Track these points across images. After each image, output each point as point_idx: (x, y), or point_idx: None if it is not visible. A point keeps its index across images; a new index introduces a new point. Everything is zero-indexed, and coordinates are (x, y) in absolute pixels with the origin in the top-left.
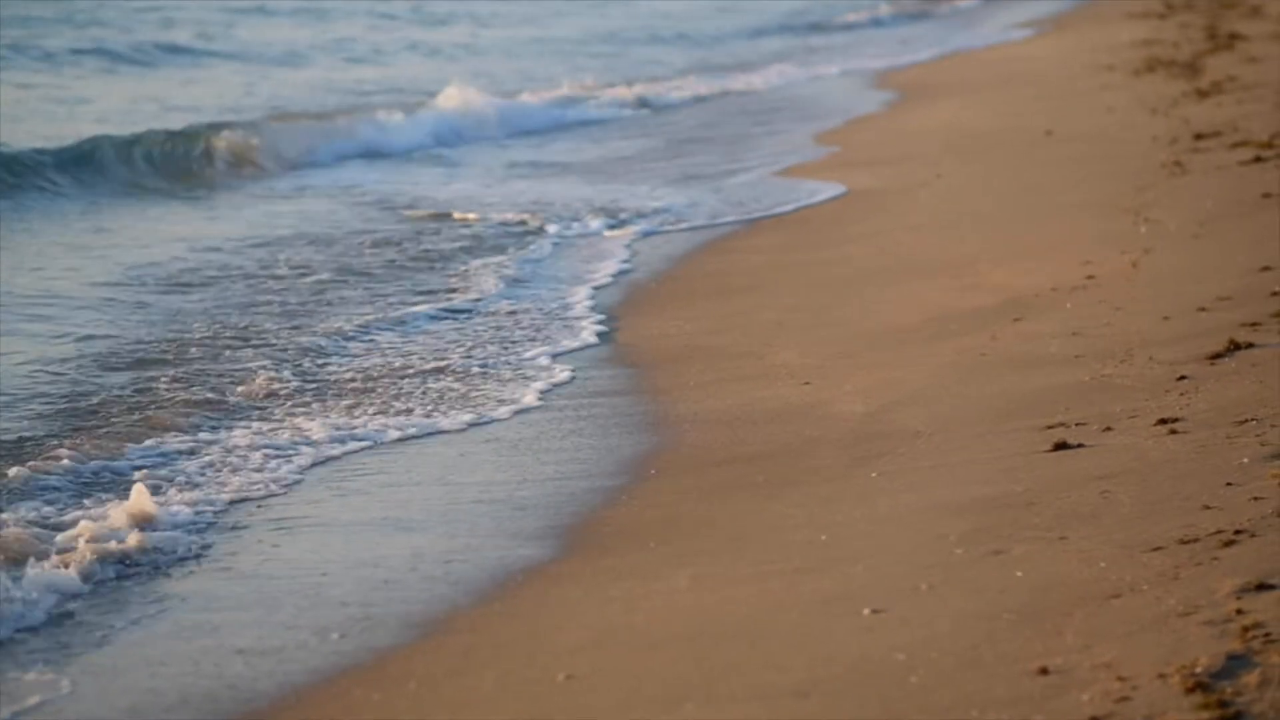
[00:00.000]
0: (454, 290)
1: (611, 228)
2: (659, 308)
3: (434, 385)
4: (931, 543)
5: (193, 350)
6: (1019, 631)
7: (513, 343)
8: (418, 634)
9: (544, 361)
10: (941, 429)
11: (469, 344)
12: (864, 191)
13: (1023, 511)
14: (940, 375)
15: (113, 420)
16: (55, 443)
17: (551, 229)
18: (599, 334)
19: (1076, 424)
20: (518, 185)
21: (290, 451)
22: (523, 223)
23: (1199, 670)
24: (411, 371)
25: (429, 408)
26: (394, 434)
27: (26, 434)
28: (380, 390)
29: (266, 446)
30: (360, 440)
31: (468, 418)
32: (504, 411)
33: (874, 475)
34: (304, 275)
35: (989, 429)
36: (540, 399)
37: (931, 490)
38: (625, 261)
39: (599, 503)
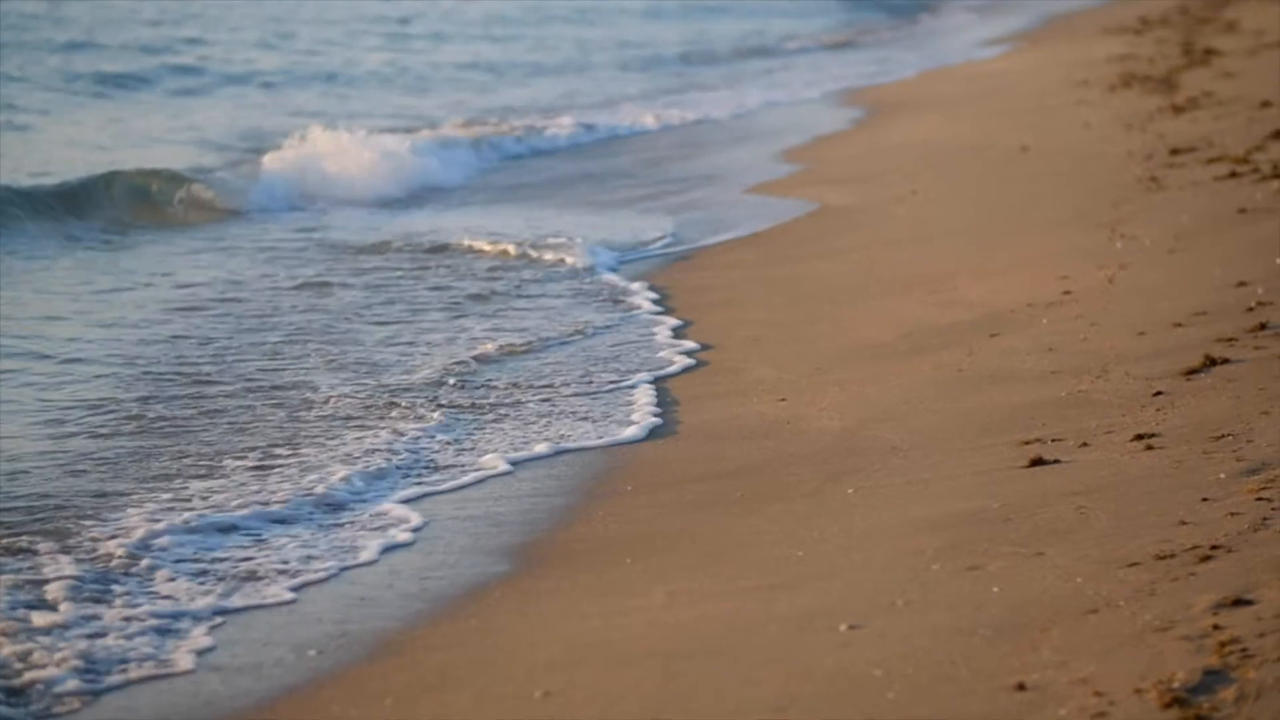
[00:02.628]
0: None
1: (609, 265)
2: None
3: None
4: (908, 558)
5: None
6: (996, 647)
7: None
8: (394, 651)
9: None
10: (918, 445)
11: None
12: (837, 208)
13: (999, 527)
14: (917, 391)
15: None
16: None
17: (549, 257)
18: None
19: (1053, 440)
20: (488, 215)
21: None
22: (503, 253)
23: (1176, 686)
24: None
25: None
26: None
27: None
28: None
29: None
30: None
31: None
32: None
33: (850, 491)
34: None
35: (966, 445)
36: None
37: (908, 506)
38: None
39: (575, 519)
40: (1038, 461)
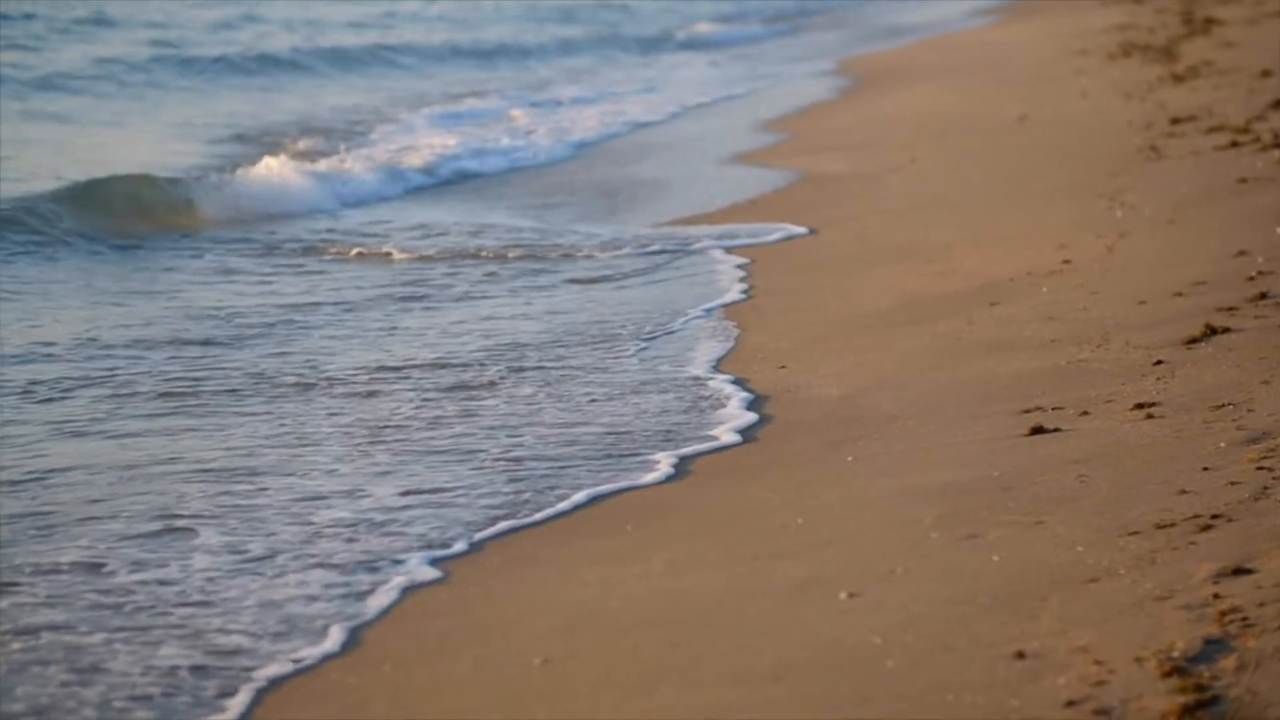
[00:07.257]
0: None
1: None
2: None
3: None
4: (907, 527)
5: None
6: (995, 615)
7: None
8: (392, 617)
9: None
10: (917, 413)
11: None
12: (833, 176)
13: (999, 496)
14: (916, 359)
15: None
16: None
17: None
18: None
19: (1053, 408)
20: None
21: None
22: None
23: (1176, 655)
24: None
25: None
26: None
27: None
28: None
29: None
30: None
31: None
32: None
33: (850, 459)
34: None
35: (965, 413)
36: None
37: (907, 474)
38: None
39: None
40: (1038, 430)
